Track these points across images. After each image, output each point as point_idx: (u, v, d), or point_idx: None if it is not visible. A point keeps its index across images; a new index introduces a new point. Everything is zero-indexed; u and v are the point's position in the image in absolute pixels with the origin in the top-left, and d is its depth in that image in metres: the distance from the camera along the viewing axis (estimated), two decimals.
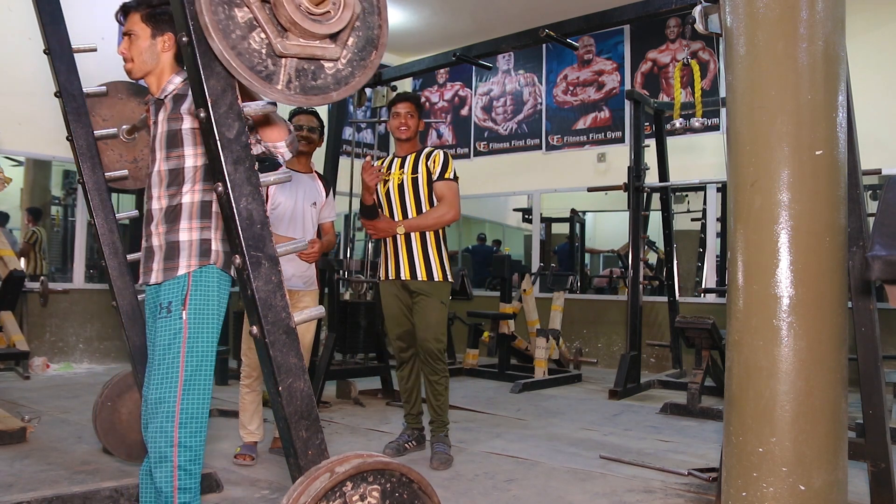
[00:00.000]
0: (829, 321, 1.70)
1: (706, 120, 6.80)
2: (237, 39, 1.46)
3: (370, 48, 1.64)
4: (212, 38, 1.43)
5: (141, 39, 2.12)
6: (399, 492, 1.55)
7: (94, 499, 2.66)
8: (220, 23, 1.43)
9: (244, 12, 1.44)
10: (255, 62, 1.47)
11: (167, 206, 2.07)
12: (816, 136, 1.71)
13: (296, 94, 1.53)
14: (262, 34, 1.47)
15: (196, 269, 2.03)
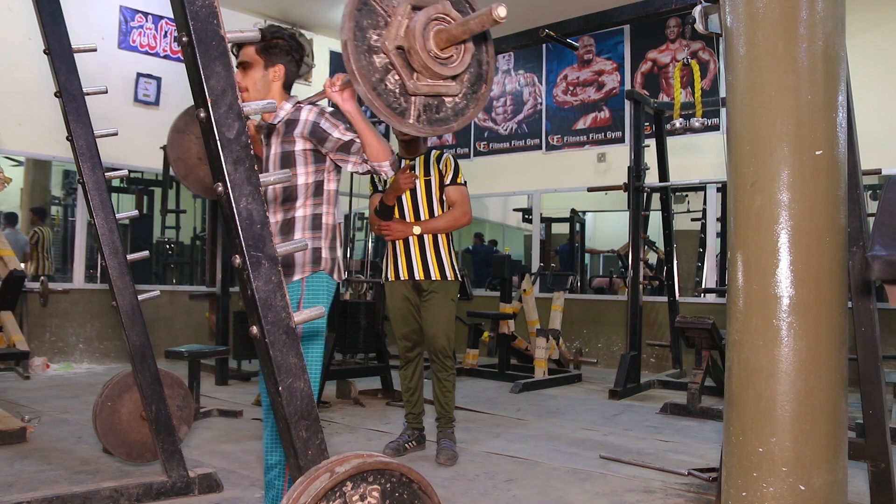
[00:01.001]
0: (829, 321, 1.70)
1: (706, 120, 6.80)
2: (376, 82, 1.67)
3: (480, 83, 1.87)
4: (357, 81, 1.64)
5: (255, 70, 2.35)
6: (399, 492, 1.55)
7: (94, 499, 2.66)
8: (363, 68, 1.64)
9: (381, 58, 1.67)
10: (391, 101, 1.69)
11: (282, 220, 2.33)
12: (816, 136, 1.71)
13: (424, 126, 1.75)
14: (396, 76, 1.69)
15: (309, 275, 2.28)
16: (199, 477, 2.91)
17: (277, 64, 2.36)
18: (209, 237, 6.84)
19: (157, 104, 7.45)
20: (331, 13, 8.18)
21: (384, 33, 1.64)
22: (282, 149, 2.32)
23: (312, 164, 2.31)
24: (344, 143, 2.26)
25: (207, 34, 1.59)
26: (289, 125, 2.32)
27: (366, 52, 1.63)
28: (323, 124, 2.27)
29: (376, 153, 2.21)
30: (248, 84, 2.34)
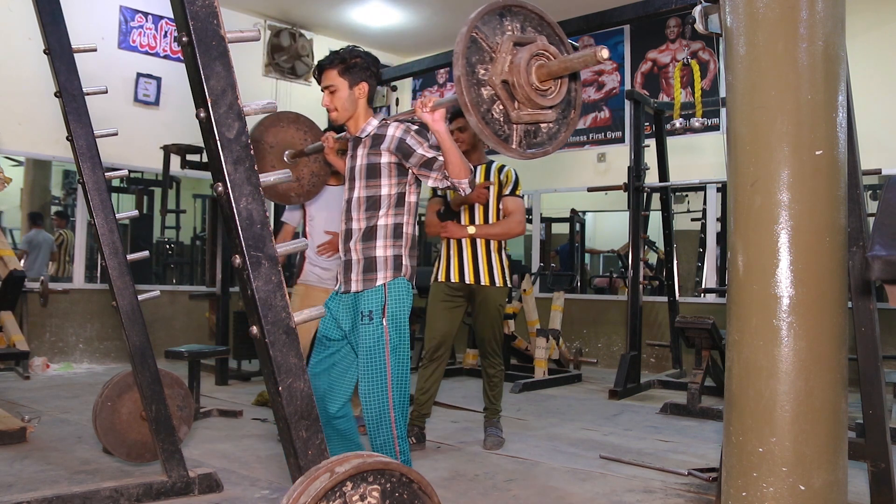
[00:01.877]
0: (829, 321, 1.70)
1: (706, 120, 6.80)
2: (484, 112, 1.85)
3: (570, 108, 2.04)
4: (469, 112, 1.82)
5: (341, 91, 2.52)
6: (399, 492, 1.55)
7: (94, 499, 2.66)
8: (473, 101, 1.82)
9: (487, 90, 1.85)
10: (497, 129, 1.88)
11: (365, 227, 2.49)
12: (816, 136, 1.71)
13: (524, 150, 1.94)
14: (500, 106, 1.87)
15: (391, 280, 2.46)
16: (199, 477, 2.91)
17: (361, 82, 2.53)
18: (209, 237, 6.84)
19: (157, 104, 7.45)
20: (331, 13, 8.18)
21: (490, 68, 1.83)
22: (368, 160, 2.49)
23: (396, 176, 2.47)
24: (427, 159, 2.42)
25: (207, 34, 1.59)
26: (376, 139, 2.49)
27: (475, 86, 1.81)
28: (409, 141, 2.44)
29: (458, 171, 2.36)
30: (336, 105, 2.53)
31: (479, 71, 1.82)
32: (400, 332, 2.47)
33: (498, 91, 1.83)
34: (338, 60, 2.52)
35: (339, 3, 7.88)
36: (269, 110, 1.72)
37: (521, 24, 1.90)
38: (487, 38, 1.83)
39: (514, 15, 1.89)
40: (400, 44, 9.07)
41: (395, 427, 2.42)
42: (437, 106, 2.25)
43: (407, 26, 8.47)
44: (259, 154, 2.95)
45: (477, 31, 1.83)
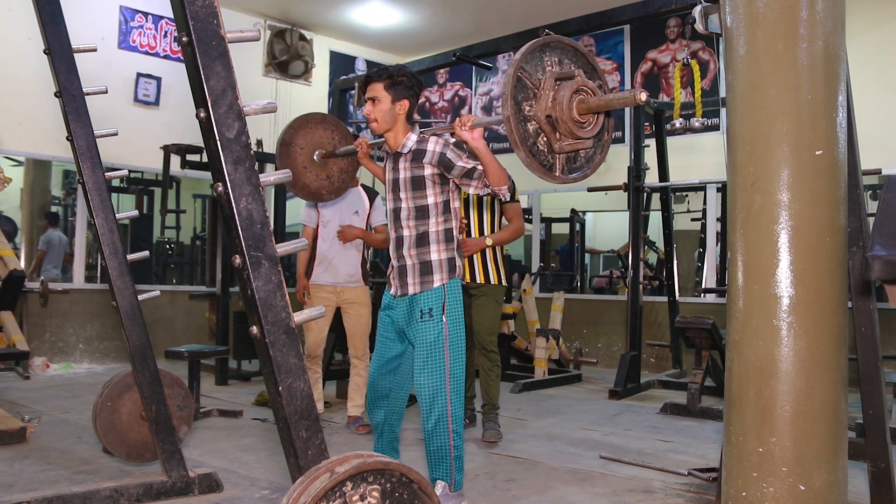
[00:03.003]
0: (829, 321, 1.70)
1: (706, 120, 6.80)
2: (531, 145, 2.01)
3: (603, 131, 2.19)
4: (518, 148, 1.98)
5: (383, 104, 2.67)
6: (399, 492, 1.55)
7: (94, 499, 2.66)
8: (521, 137, 1.98)
9: (532, 125, 2.02)
10: (542, 159, 2.04)
11: (416, 234, 2.66)
12: (816, 136, 1.71)
13: (566, 176, 2.10)
14: (544, 138, 2.03)
15: (447, 281, 2.64)
16: (199, 477, 2.91)
17: (403, 99, 2.68)
18: (209, 237, 6.84)
19: (157, 104, 7.45)
20: (331, 13, 8.18)
21: (535, 104, 1.99)
22: (412, 173, 2.66)
23: (439, 185, 2.65)
24: (468, 170, 2.60)
25: (207, 34, 1.59)
26: (416, 154, 2.66)
27: (522, 122, 1.96)
28: (449, 154, 2.61)
29: (497, 180, 2.56)
30: (377, 116, 2.68)
31: (525, 108, 1.96)
32: (458, 329, 2.64)
33: (542, 125, 1.98)
34: (385, 75, 2.68)
35: (339, 3, 7.88)
36: (269, 110, 1.72)
37: (559, 58, 2.04)
38: (531, 77, 1.97)
39: (553, 49, 2.03)
40: (400, 44, 9.06)
41: (452, 421, 2.55)
42: (476, 125, 2.44)
43: (407, 26, 8.47)
44: (291, 156, 3.09)
45: (522, 70, 1.95)
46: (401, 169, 2.70)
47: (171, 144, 6.39)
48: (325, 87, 8.79)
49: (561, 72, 2.03)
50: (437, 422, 2.56)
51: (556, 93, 1.98)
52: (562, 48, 2.07)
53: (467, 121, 2.45)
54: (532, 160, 1.99)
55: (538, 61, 2.01)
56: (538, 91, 1.99)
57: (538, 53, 2.01)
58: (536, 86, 1.99)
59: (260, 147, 7.37)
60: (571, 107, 1.97)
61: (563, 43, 2.09)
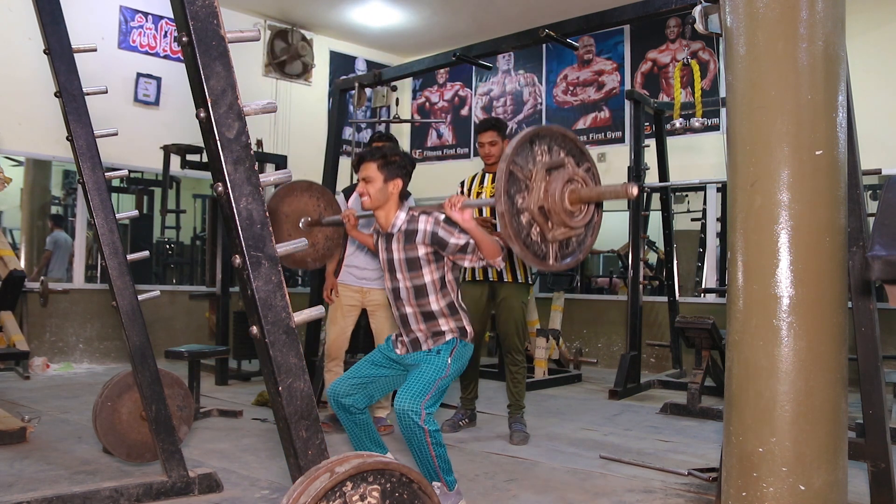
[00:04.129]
0: (829, 321, 1.70)
1: (706, 120, 6.80)
2: (525, 237, 2.03)
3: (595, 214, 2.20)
4: (513, 241, 2.00)
5: (376, 182, 2.69)
6: (399, 492, 1.55)
7: (94, 499, 2.66)
8: (515, 230, 2.01)
9: (526, 216, 2.04)
10: (536, 249, 2.07)
11: (422, 311, 2.73)
12: (816, 136, 1.71)
13: (559, 262, 2.14)
14: (537, 228, 2.05)
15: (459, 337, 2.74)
16: (199, 477, 2.91)
17: (396, 178, 2.72)
18: (209, 237, 6.83)
19: (157, 104, 7.45)
20: (331, 13, 8.18)
21: (527, 196, 2.01)
22: (406, 255, 2.71)
23: (434, 263, 2.71)
24: (462, 245, 2.65)
25: (207, 34, 1.59)
26: (408, 235, 2.71)
27: (515, 215, 1.98)
28: (441, 233, 2.65)
29: (491, 253, 2.60)
30: (370, 193, 2.70)
31: (518, 200, 1.99)
32: (452, 375, 2.70)
33: (535, 217, 2.02)
34: (378, 155, 2.71)
35: (339, 3, 7.87)
36: (269, 110, 1.72)
37: (549, 144, 2.06)
38: (522, 169, 1.99)
39: (542, 138, 2.05)
40: (400, 44, 9.06)
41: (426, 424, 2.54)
42: (466, 206, 2.50)
43: (407, 26, 8.47)
44: (276, 223, 3.11)
45: (514, 164, 1.98)
46: (394, 250, 2.75)
47: (171, 144, 6.39)
48: (325, 87, 8.79)
49: (551, 161, 2.06)
50: (410, 430, 2.54)
51: (547, 184, 2.02)
52: (550, 135, 2.09)
53: (457, 202, 2.50)
54: (526, 252, 2.03)
55: (528, 152, 2.03)
56: (530, 183, 2.02)
57: (528, 145, 2.02)
58: (528, 177, 2.01)
59: (260, 147, 7.37)
60: (563, 197, 2.01)
61: (551, 131, 2.11)
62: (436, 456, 2.56)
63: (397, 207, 2.75)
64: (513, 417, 4.08)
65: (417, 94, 9.71)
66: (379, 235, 2.85)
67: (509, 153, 1.97)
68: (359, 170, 2.75)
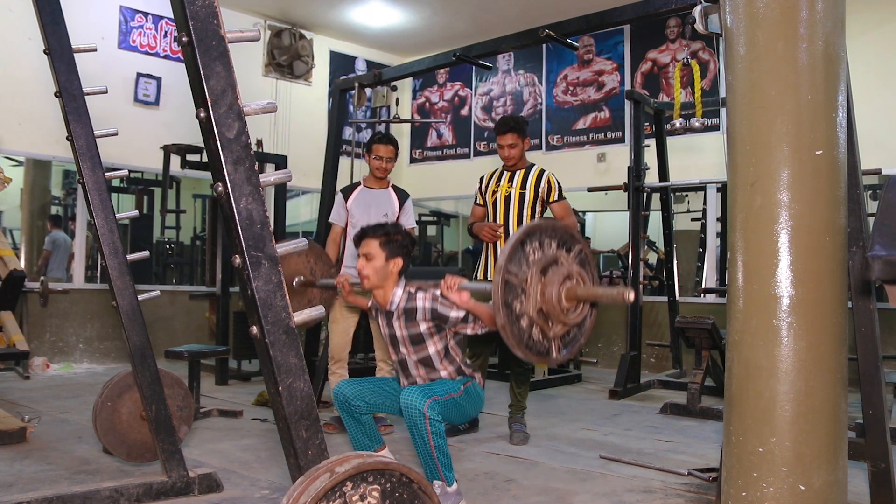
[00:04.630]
0: (829, 321, 1.70)
1: (706, 120, 6.80)
2: (526, 339, 2.06)
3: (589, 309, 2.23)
4: (514, 347, 2.02)
5: (377, 260, 2.73)
6: (399, 492, 1.55)
7: (94, 499, 2.66)
8: (516, 336, 2.02)
9: (525, 320, 2.04)
10: (538, 348, 2.09)
11: (429, 378, 2.82)
12: (816, 136, 1.71)
13: (562, 353, 2.16)
14: (537, 328, 2.07)
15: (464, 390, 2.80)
16: (199, 477, 2.91)
17: (398, 257, 2.76)
18: (209, 237, 6.84)
19: (157, 104, 7.45)
20: (331, 13, 8.18)
21: (525, 301, 2.02)
22: (408, 331, 2.78)
23: (437, 335, 2.78)
24: (462, 318, 2.70)
25: (207, 34, 1.59)
26: (408, 313, 2.76)
27: (515, 322, 1.99)
28: (440, 309, 2.70)
29: (491, 322, 2.61)
30: (370, 272, 2.74)
31: (516, 307, 2.01)
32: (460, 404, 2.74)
33: (535, 320, 2.04)
34: (381, 232, 2.76)
35: (339, 3, 7.87)
36: (269, 110, 1.72)
37: (539, 240, 2.08)
38: (517, 275, 2.01)
39: (532, 237, 2.07)
40: (400, 44, 9.06)
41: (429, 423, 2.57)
42: (463, 288, 2.54)
43: (407, 26, 8.47)
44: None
45: (508, 273, 1.99)
46: (396, 327, 2.80)
47: (171, 144, 6.39)
48: (325, 87, 8.79)
49: (544, 258, 2.07)
50: (412, 416, 2.58)
51: (544, 286, 2.03)
52: (540, 231, 2.11)
53: (453, 284, 2.53)
54: (529, 354, 2.06)
55: (520, 255, 2.04)
56: (526, 287, 2.03)
57: (519, 248, 2.03)
58: (523, 282, 2.03)
59: (260, 147, 7.37)
60: (561, 298, 2.03)
61: (540, 228, 2.13)
62: (435, 447, 2.59)
63: (395, 285, 2.78)
64: (513, 417, 4.07)
65: (417, 94, 9.71)
66: (378, 311, 2.90)
67: (502, 264, 1.98)
68: (359, 245, 2.78)
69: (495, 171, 4.20)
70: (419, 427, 2.57)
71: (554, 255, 2.10)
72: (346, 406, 2.82)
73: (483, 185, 4.21)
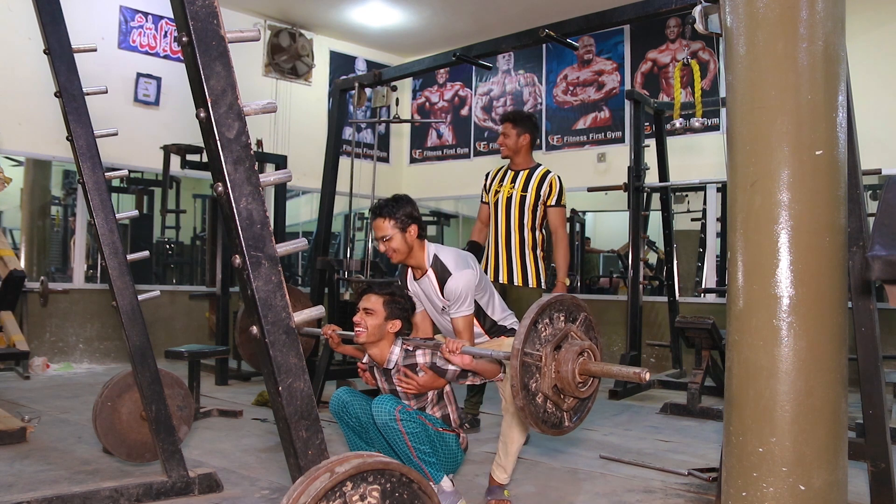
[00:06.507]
0: (829, 321, 1.70)
1: (706, 120, 6.80)
2: (542, 413, 2.09)
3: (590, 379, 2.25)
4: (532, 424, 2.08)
5: (377, 318, 2.71)
6: (399, 492, 1.55)
7: (94, 499, 2.66)
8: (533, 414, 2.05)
9: (540, 397, 2.09)
10: (552, 420, 2.13)
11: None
12: (816, 136, 1.71)
13: (573, 423, 2.21)
14: (550, 402, 2.12)
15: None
16: (199, 477, 2.91)
17: (397, 318, 2.75)
18: (209, 237, 6.84)
19: (157, 104, 7.45)
20: (331, 13, 8.18)
21: (540, 379, 2.07)
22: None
23: (438, 402, 2.81)
24: (461, 371, 2.70)
25: (207, 34, 1.59)
26: (409, 369, 2.76)
27: (531, 399, 2.05)
28: (439, 363, 2.70)
29: (492, 374, 2.71)
30: (368, 326, 2.70)
31: (531, 386, 2.06)
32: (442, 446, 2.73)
33: (550, 397, 2.09)
34: (386, 291, 2.76)
35: (339, 3, 7.87)
36: (269, 110, 1.72)
37: (549, 316, 2.11)
38: (532, 356, 2.05)
39: (542, 316, 2.09)
40: (400, 44, 9.06)
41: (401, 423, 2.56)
42: (466, 352, 2.55)
43: (407, 26, 8.47)
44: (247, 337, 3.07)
45: (525, 355, 2.02)
46: (396, 382, 2.79)
47: (171, 144, 6.39)
48: (325, 87, 8.79)
49: (555, 333, 2.10)
50: (388, 427, 2.58)
51: (558, 364, 2.06)
52: (549, 307, 2.12)
53: (455, 348, 2.54)
54: (544, 426, 2.11)
55: (534, 334, 2.07)
56: (541, 365, 2.06)
57: (533, 330, 2.06)
58: (538, 360, 2.06)
59: (260, 147, 7.37)
60: (575, 375, 2.06)
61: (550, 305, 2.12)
62: (413, 447, 2.59)
63: (392, 344, 2.77)
64: None
65: (417, 94, 9.71)
66: (374, 367, 2.86)
67: (518, 346, 2.01)
68: (360, 298, 2.79)
69: (501, 168, 4.21)
70: (393, 430, 2.56)
71: (564, 329, 2.12)
72: (339, 414, 2.82)
73: (487, 182, 4.22)
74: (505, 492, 2.95)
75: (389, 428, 2.57)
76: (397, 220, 2.88)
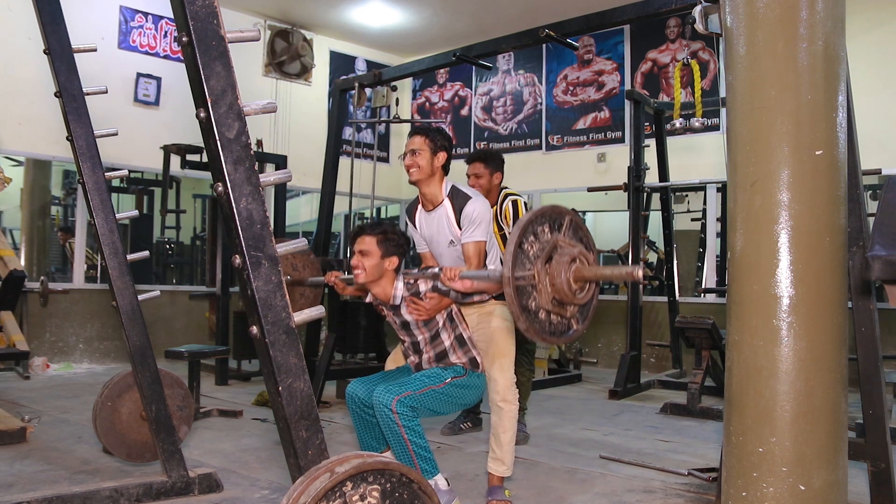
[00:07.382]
0: (829, 321, 1.70)
1: (706, 120, 6.80)
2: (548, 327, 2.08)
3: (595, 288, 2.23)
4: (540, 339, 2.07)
5: (372, 257, 2.71)
6: (399, 492, 1.55)
7: (94, 499, 2.66)
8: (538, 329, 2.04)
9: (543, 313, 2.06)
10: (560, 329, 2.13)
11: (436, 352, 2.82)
12: (816, 136, 1.71)
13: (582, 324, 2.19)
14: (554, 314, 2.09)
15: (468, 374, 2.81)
16: (199, 477, 2.91)
17: (394, 256, 2.74)
18: (209, 237, 6.84)
19: (157, 104, 7.45)
20: (331, 13, 8.18)
21: (538, 297, 2.05)
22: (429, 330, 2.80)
23: (450, 324, 2.80)
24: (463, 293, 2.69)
25: (207, 34, 1.59)
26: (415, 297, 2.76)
27: (535, 320, 2.04)
28: (440, 286, 2.69)
29: (494, 289, 2.69)
30: (365, 266, 2.71)
31: (531, 305, 2.04)
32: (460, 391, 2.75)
33: (552, 309, 2.08)
34: (378, 231, 2.75)
35: (339, 3, 7.87)
36: (269, 110, 1.72)
37: (533, 232, 2.08)
38: (525, 278, 2.02)
39: (527, 234, 2.06)
40: (400, 44, 9.06)
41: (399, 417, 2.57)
42: (465, 277, 2.54)
43: (407, 26, 8.47)
44: None
45: (514, 279, 2.00)
46: (404, 314, 2.80)
47: (171, 144, 6.39)
48: (325, 87, 8.79)
49: (542, 248, 2.08)
50: (385, 419, 2.58)
51: (552, 278, 2.05)
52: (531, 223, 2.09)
53: (453, 275, 2.55)
54: (552, 337, 2.11)
55: (522, 255, 2.05)
56: (536, 283, 2.05)
57: (519, 251, 2.04)
58: (532, 279, 2.04)
59: (260, 147, 7.37)
60: (570, 283, 2.06)
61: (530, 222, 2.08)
62: (410, 441, 2.58)
63: (394, 279, 2.77)
64: None
65: (417, 94, 9.71)
66: (384, 306, 2.87)
67: (508, 275, 1.98)
68: (354, 242, 2.77)
69: None
70: (390, 423, 2.57)
71: (552, 240, 2.09)
72: (356, 408, 2.82)
73: None
74: (506, 491, 2.94)
75: (387, 419, 2.58)
76: (432, 141, 2.96)
